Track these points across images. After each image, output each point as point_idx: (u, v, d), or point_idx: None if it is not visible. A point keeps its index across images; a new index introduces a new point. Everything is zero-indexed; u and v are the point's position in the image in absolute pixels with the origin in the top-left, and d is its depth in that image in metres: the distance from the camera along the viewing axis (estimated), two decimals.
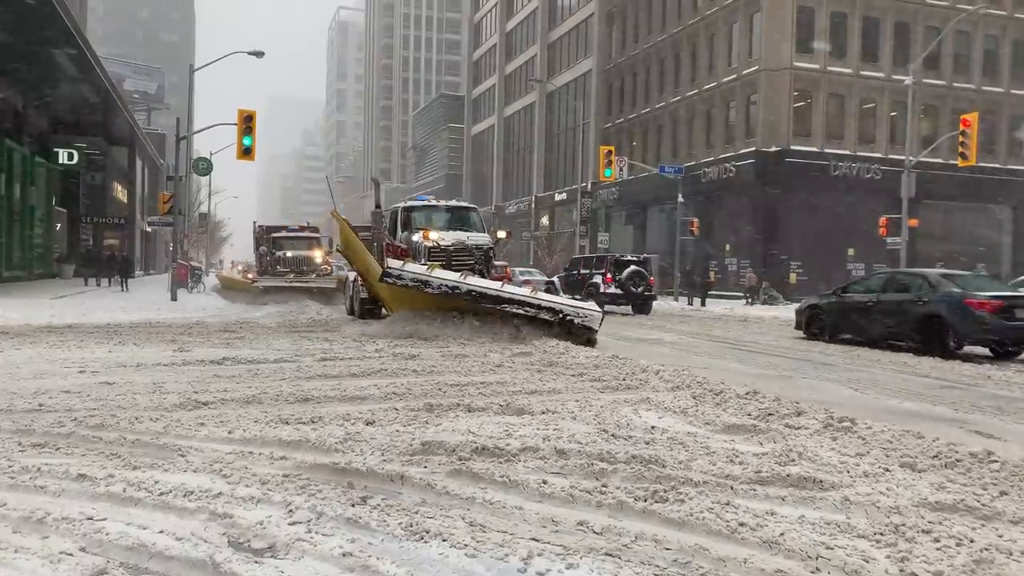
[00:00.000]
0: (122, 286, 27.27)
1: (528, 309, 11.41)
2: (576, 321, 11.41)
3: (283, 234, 25.22)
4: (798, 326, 16.14)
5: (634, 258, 24.47)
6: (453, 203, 16.79)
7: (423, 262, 13.08)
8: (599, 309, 11.93)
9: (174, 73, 74.35)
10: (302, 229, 26.63)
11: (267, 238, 24.97)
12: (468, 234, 14.72)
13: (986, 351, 13.22)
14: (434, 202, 16.32)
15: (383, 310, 14.71)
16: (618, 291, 22.88)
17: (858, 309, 14.33)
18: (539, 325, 11.47)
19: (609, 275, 23.21)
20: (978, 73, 37.56)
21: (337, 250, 15.43)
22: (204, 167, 30.69)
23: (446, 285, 11.43)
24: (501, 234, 16.53)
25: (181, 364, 8.50)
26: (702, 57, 39.66)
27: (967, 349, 13.02)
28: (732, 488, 4.09)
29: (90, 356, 9.07)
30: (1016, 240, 38.23)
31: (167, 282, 25.21)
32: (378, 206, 15.42)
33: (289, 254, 23.78)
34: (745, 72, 36.19)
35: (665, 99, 42.79)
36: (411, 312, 12.03)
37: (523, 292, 11.83)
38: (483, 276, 13.35)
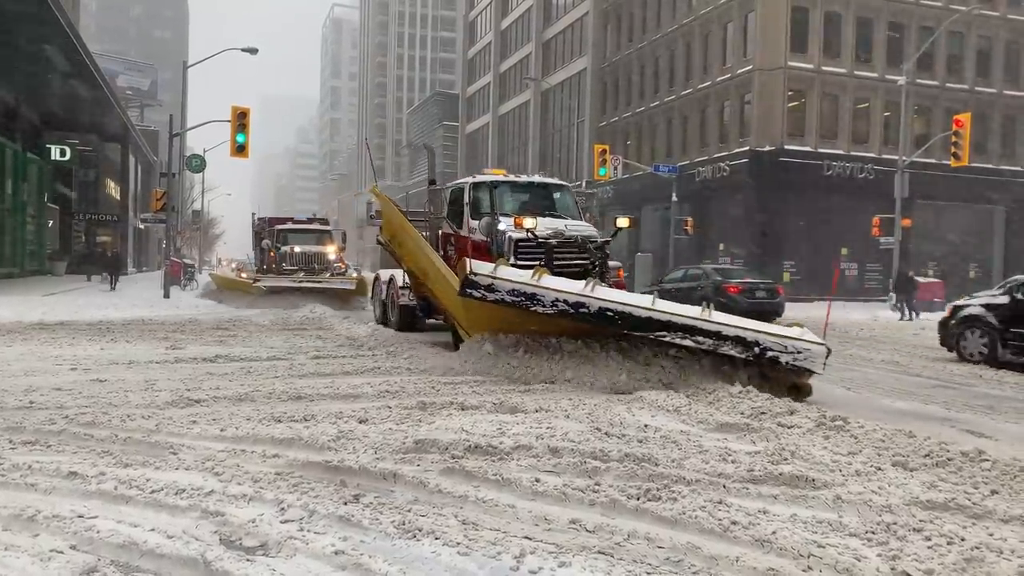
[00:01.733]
0: (111, 284, 25.39)
1: (702, 339, 7.42)
2: (784, 359, 7.31)
3: (289, 226, 22.03)
4: None
5: None
6: (537, 179, 12.31)
7: (512, 261, 9.39)
8: (820, 340, 7.63)
9: (167, 70, 74.00)
10: (311, 221, 23.40)
11: (270, 231, 21.85)
12: (565, 222, 10.71)
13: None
14: (511, 177, 12.15)
15: (427, 320, 12.22)
16: None
17: (667, 295, 17.61)
18: (699, 360, 7.65)
19: None
20: (971, 74, 37.67)
21: (378, 242, 12.27)
22: (197, 164, 30.58)
23: (565, 301, 7.62)
24: (622, 222, 11.22)
25: (173, 362, 8.47)
26: (696, 56, 39.69)
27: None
28: (725, 487, 4.10)
29: (82, 353, 9.03)
30: (1009, 240, 38.38)
31: (160, 279, 25.07)
32: (432, 182, 12.08)
33: (297, 249, 20.68)
34: (739, 71, 36.23)
35: (660, 98, 42.80)
36: (495, 336, 8.35)
37: (692, 312, 7.69)
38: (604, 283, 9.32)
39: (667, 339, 7.53)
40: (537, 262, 9.32)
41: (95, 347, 9.69)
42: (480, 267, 8.10)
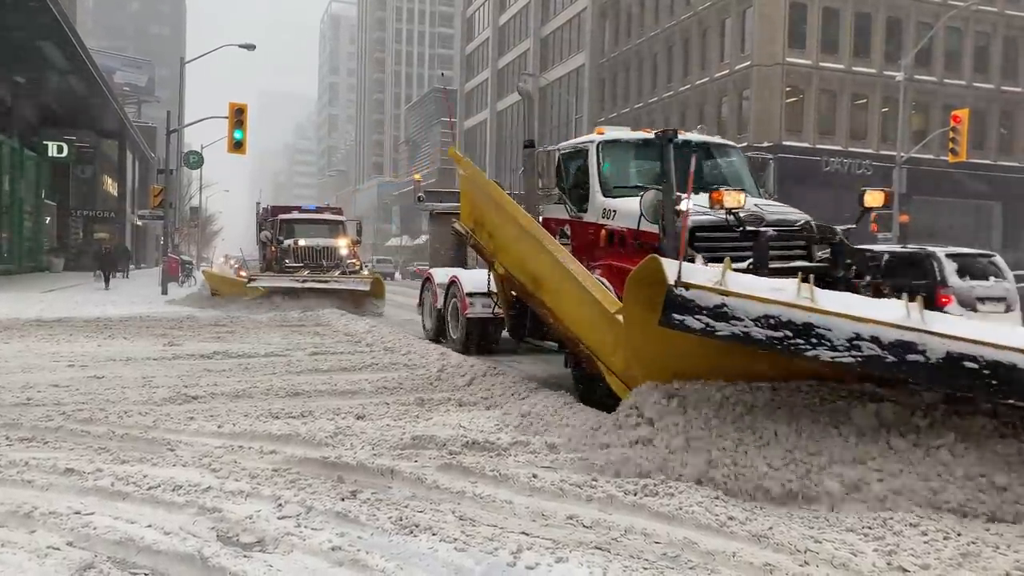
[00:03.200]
0: (105, 283, 23.87)
1: None
2: None
3: (295, 216, 19.12)
4: None
5: None
6: (696, 136, 8.36)
7: (699, 261, 5.24)
8: None
9: (165, 66, 73.86)
10: (321, 210, 20.72)
11: (272, 222, 18.92)
12: (754, 200, 6.96)
13: None
14: (649, 134, 7.79)
15: (502, 333, 9.22)
16: None
17: None
18: None
19: None
20: (969, 69, 37.70)
21: (455, 230, 8.97)
22: (195, 160, 30.55)
23: (876, 339, 3.73)
24: (873, 199, 7.17)
25: (171, 358, 8.46)
26: (694, 52, 39.69)
27: None
28: None
29: (79, 350, 9.01)
30: (1005, 235, 38.44)
31: (158, 276, 24.99)
32: (530, 143, 8.23)
33: (303, 243, 17.90)
34: (737, 67, 36.23)
35: (658, 94, 42.81)
36: (695, 390, 4.31)
37: None
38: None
39: None
40: (749, 263, 5.82)
41: (92, 344, 9.67)
42: (693, 273, 4.11)
